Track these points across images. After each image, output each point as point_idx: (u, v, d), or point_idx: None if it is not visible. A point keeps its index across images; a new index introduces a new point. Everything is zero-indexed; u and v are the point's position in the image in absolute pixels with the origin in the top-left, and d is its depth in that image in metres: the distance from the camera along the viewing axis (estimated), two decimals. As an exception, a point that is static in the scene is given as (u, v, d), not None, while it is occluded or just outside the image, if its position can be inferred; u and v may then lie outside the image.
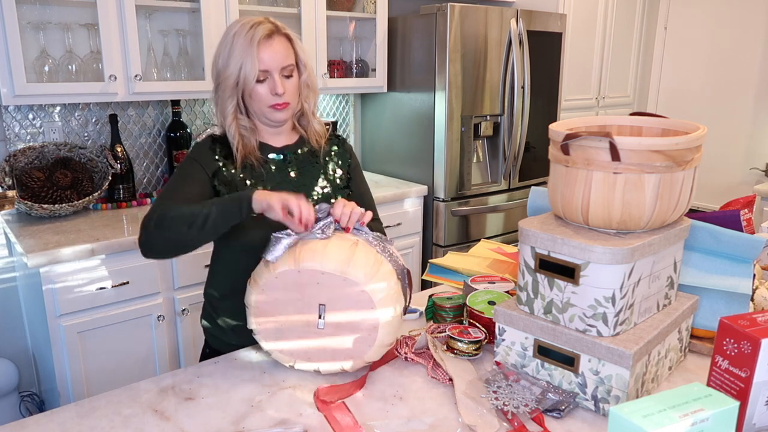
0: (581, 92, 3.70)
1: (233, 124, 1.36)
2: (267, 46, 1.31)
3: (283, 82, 1.33)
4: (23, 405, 2.37)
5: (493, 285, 1.43)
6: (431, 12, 2.76)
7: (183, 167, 1.36)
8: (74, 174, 2.26)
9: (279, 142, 1.44)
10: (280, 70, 1.32)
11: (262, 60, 1.30)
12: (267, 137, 1.42)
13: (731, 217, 1.29)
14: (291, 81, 1.36)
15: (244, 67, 1.29)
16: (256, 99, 1.34)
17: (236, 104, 1.35)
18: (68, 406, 1.06)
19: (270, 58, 1.31)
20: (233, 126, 1.36)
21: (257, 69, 1.29)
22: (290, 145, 1.44)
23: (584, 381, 1.04)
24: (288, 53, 1.34)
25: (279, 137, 1.44)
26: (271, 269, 1.13)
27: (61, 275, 1.89)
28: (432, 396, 1.09)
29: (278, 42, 1.33)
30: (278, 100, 1.33)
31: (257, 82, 1.31)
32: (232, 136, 1.36)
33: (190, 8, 2.43)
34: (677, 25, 4.14)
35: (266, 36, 1.31)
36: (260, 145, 1.40)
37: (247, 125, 1.38)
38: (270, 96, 1.33)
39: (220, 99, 1.35)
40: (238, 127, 1.36)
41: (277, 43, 1.33)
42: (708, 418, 0.69)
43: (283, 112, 1.36)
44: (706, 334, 1.26)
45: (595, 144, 1.00)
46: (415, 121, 2.97)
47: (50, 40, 2.26)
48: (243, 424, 1.01)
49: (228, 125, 1.36)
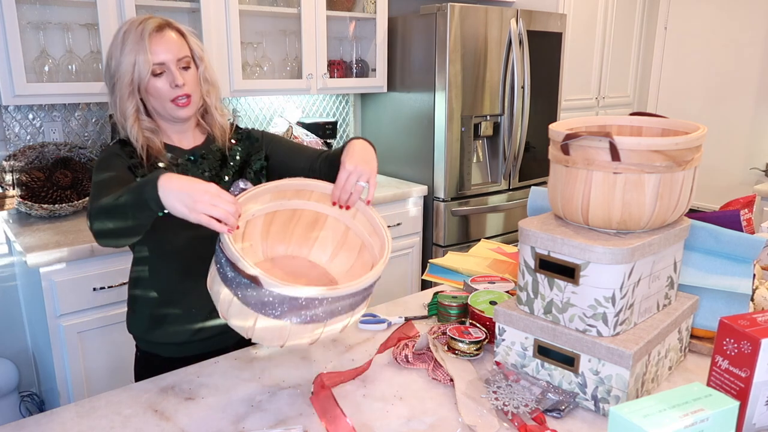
0: (581, 92, 3.70)
1: (135, 125, 1.28)
2: (158, 38, 1.25)
3: (181, 73, 1.27)
4: (23, 405, 2.37)
5: (493, 285, 1.43)
6: (431, 12, 2.76)
7: (101, 161, 1.28)
8: (74, 174, 2.26)
9: (186, 143, 1.37)
10: (176, 62, 1.27)
11: (155, 52, 1.24)
12: (173, 138, 1.36)
13: (731, 217, 1.29)
14: (189, 73, 1.30)
15: (137, 62, 1.23)
16: (156, 95, 1.27)
17: (136, 105, 1.29)
18: (68, 406, 1.06)
19: (163, 50, 1.25)
20: (135, 127, 1.29)
21: (151, 62, 1.23)
22: (199, 145, 1.38)
23: (584, 381, 1.04)
24: (181, 45, 1.29)
25: (185, 137, 1.38)
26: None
27: (61, 275, 1.89)
28: (432, 396, 1.09)
29: (170, 34, 1.28)
30: (179, 92, 1.27)
31: (154, 76, 1.25)
32: (135, 139, 1.29)
33: (190, 8, 2.43)
34: (677, 25, 4.14)
35: (156, 29, 1.26)
36: (167, 147, 1.34)
37: (149, 126, 1.32)
38: (170, 89, 1.27)
39: (119, 101, 1.28)
40: (141, 129, 1.29)
41: (169, 36, 1.28)
42: (708, 418, 0.69)
43: (187, 108, 1.30)
44: (706, 334, 1.26)
45: (595, 144, 1.00)
46: (415, 121, 2.97)
47: (50, 40, 2.26)
48: (243, 424, 1.01)
49: (129, 127, 1.28)
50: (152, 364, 1.36)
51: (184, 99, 1.29)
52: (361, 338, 1.32)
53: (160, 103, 1.28)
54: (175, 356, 1.35)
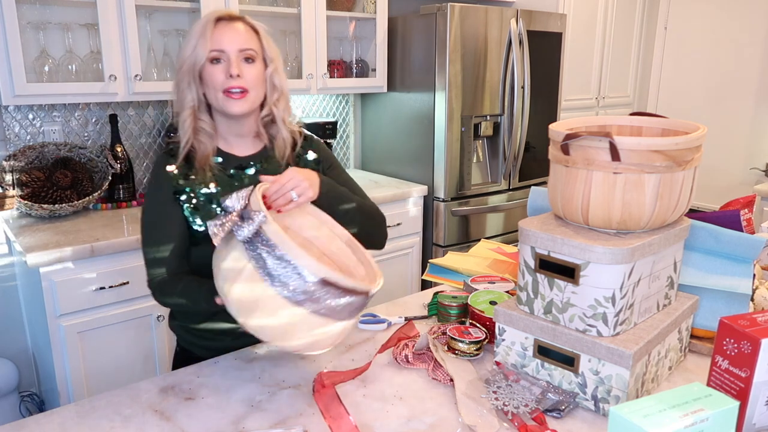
0: (581, 92, 3.70)
1: (189, 119, 1.22)
2: (224, 25, 1.20)
3: (241, 65, 1.20)
4: (23, 405, 2.37)
5: (493, 285, 1.43)
6: (431, 12, 2.76)
7: (151, 201, 1.25)
8: (74, 174, 2.26)
9: (240, 150, 1.31)
10: (237, 51, 1.20)
11: (215, 38, 1.19)
12: (230, 141, 1.29)
13: (731, 217, 1.29)
14: (252, 67, 1.22)
15: (197, 46, 1.19)
16: (210, 83, 1.20)
17: (195, 99, 1.22)
18: (68, 406, 1.06)
19: (226, 38, 1.19)
20: (188, 122, 1.23)
21: (209, 47, 1.18)
22: (254, 154, 1.32)
23: (584, 381, 1.04)
24: (249, 38, 1.22)
25: (243, 143, 1.30)
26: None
27: (61, 275, 1.89)
28: (432, 396, 1.09)
29: (239, 25, 1.22)
30: (233, 83, 1.19)
31: (211, 63, 1.19)
32: (183, 133, 1.23)
33: (190, 8, 2.43)
34: (677, 25, 4.14)
35: (226, 18, 1.21)
36: (219, 153, 1.28)
37: (207, 128, 1.25)
38: (224, 79, 1.19)
39: (179, 90, 1.23)
40: (195, 127, 1.23)
41: (237, 26, 1.22)
42: (708, 418, 0.69)
43: (240, 102, 1.21)
44: (706, 334, 1.26)
45: (595, 144, 1.00)
46: (415, 121, 2.97)
47: (50, 40, 2.26)
48: (243, 424, 1.01)
49: (183, 121, 1.23)
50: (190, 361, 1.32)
51: (238, 91, 1.20)
52: (361, 338, 1.32)
53: (213, 92, 1.21)
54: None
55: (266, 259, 0.95)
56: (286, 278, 0.94)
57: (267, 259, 0.95)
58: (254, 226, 0.96)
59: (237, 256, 0.98)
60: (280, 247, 0.94)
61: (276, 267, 0.94)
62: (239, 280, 0.97)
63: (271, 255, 0.95)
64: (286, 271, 0.94)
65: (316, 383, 1.08)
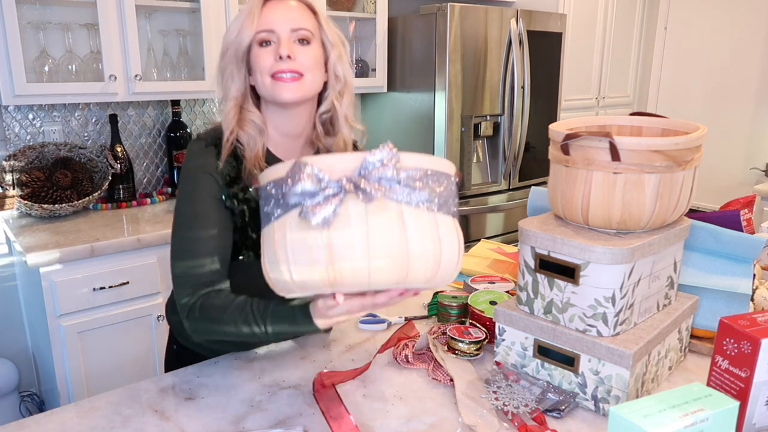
0: (581, 92, 3.70)
1: (233, 111, 1.06)
2: (275, 3, 1.05)
3: (294, 46, 1.04)
4: (23, 405, 2.37)
5: (493, 285, 1.43)
6: (431, 12, 2.76)
7: (188, 202, 1.05)
8: (74, 174, 2.26)
9: (289, 153, 1.12)
10: (289, 32, 1.04)
11: (264, 17, 1.03)
12: (278, 142, 1.11)
13: (731, 217, 1.29)
14: (308, 49, 1.05)
15: (243, 26, 1.04)
16: (257, 67, 1.04)
17: (242, 87, 1.07)
18: (68, 406, 1.06)
19: (277, 17, 1.03)
20: (232, 113, 1.06)
21: (256, 27, 1.03)
22: None
23: (584, 381, 1.04)
24: (303, 16, 1.06)
25: (289, 145, 1.12)
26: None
27: (61, 275, 1.89)
28: (432, 396, 1.09)
29: (290, 2, 1.06)
30: (282, 65, 1.02)
31: (259, 45, 1.04)
32: (226, 126, 1.06)
33: (190, 8, 2.43)
34: (677, 25, 4.14)
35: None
36: (268, 158, 1.10)
37: (256, 121, 1.07)
38: (273, 61, 1.03)
39: (222, 79, 1.07)
40: (241, 119, 1.06)
41: (289, 3, 1.06)
42: (708, 418, 0.69)
43: (293, 87, 1.03)
44: (706, 334, 1.26)
45: (595, 144, 1.00)
46: (415, 121, 2.97)
47: (50, 40, 2.26)
48: (243, 424, 1.01)
49: (226, 112, 1.06)
50: (186, 361, 1.26)
51: (289, 75, 1.03)
52: (361, 338, 1.32)
53: (261, 78, 1.05)
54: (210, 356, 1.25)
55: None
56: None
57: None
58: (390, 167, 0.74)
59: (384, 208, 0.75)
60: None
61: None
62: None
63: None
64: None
65: (316, 383, 1.08)
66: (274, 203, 0.79)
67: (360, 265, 0.74)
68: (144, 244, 1.99)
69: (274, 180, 0.78)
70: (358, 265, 0.74)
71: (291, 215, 0.76)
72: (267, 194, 0.80)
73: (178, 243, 1.06)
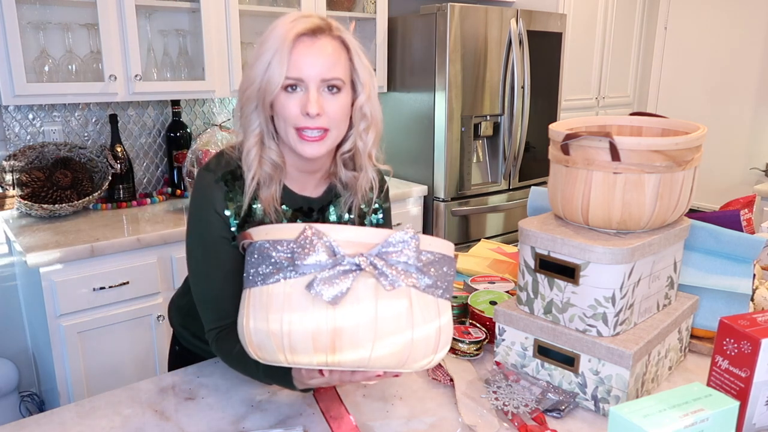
0: (581, 92, 3.70)
1: (255, 148, 1.00)
2: (307, 44, 0.96)
3: (321, 98, 0.97)
4: (23, 405, 2.37)
5: (493, 285, 1.43)
6: (431, 12, 2.76)
7: (200, 240, 1.04)
8: (74, 174, 2.26)
9: (303, 188, 1.09)
10: (319, 81, 0.96)
11: (294, 62, 0.95)
12: (294, 177, 1.07)
13: (731, 217, 1.29)
14: (337, 99, 0.99)
15: (271, 66, 0.95)
16: (281, 114, 0.98)
17: (263, 125, 1.01)
18: (68, 406, 1.06)
19: (308, 63, 0.95)
20: (254, 151, 1.00)
21: (284, 73, 0.94)
22: (318, 197, 1.10)
23: (584, 381, 1.04)
24: (337, 61, 0.98)
25: (311, 180, 1.08)
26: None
27: (61, 275, 1.89)
28: (432, 396, 1.09)
29: (325, 42, 0.97)
30: (309, 123, 0.96)
31: (285, 90, 0.97)
32: (248, 166, 1.01)
33: (190, 8, 2.43)
34: (677, 25, 4.14)
35: (309, 31, 0.96)
36: (284, 194, 1.07)
37: (275, 159, 1.02)
38: (299, 115, 0.96)
39: (243, 114, 1.01)
40: (261, 157, 1.01)
41: (323, 44, 0.97)
42: (708, 418, 0.69)
43: (317, 146, 0.99)
44: (706, 334, 1.26)
45: (595, 144, 1.00)
46: (415, 121, 2.97)
47: (50, 40, 2.26)
48: (243, 424, 1.01)
49: (247, 150, 1.01)
50: (188, 362, 1.27)
51: (315, 133, 0.98)
52: (361, 338, 1.32)
53: (284, 126, 0.99)
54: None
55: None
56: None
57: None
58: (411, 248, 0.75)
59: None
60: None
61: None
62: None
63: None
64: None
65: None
66: (273, 266, 0.74)
67: (362, 354, 0.73)
68: (144, 244, 2.00)
69: (275, 240, 0.74)
70: (361, 354, 0.73)
71: (294, 284, 0.72)
72: (263, 253, 0.75)
73: (198, 285, 1.07)
